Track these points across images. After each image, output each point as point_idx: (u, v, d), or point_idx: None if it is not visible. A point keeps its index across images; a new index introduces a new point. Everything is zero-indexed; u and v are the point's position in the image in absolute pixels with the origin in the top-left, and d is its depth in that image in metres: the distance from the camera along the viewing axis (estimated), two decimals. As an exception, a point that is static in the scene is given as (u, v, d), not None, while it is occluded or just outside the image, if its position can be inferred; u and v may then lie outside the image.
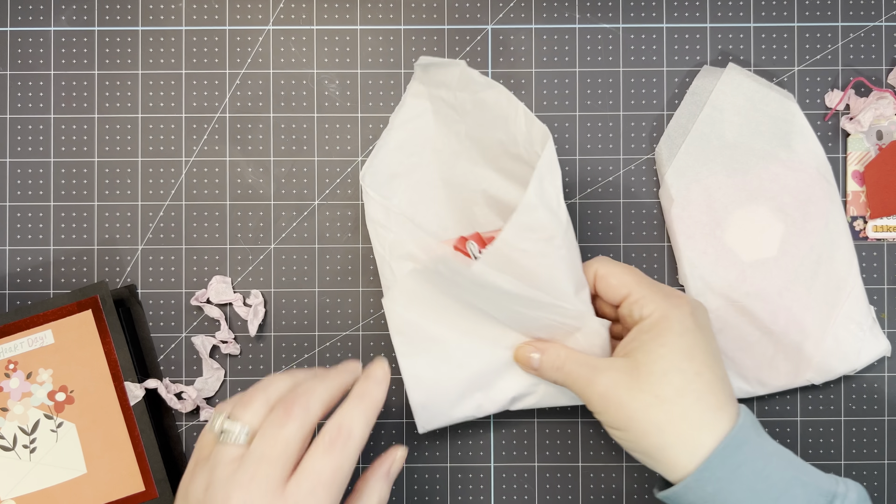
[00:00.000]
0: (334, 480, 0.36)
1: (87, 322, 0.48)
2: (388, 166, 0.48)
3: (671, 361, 0.39)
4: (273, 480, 0.35)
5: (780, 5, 0.52)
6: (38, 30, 0.52)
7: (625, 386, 0.40)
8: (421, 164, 0.49)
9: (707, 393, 0.39)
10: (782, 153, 0.50)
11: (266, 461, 0.35)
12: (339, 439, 0.36)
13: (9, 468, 0.48)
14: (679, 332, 0.40)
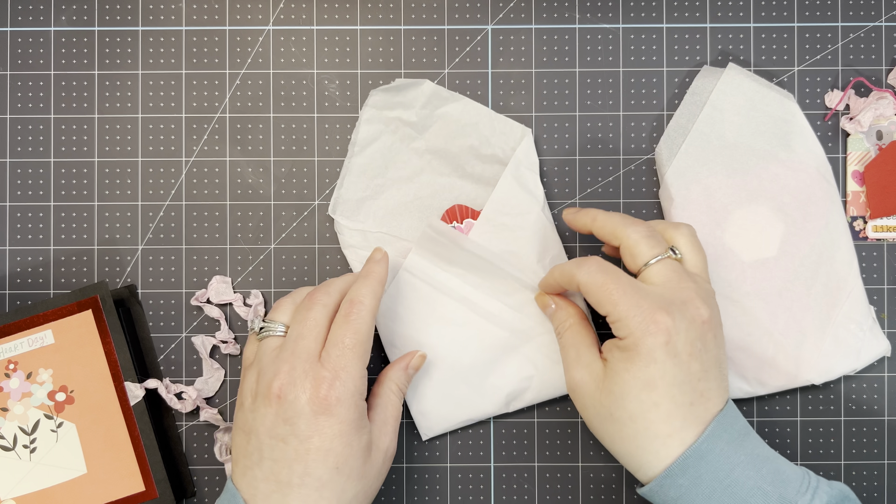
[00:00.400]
0: (356, 343, 0.42)
1: (87, 322, 0.48)
2: (354, 193, 0.50)
3: (630, 388, 0.40)
4: (310, 351, 0.42)
5: (780, 5, 0.52)
6: (38, 30, 0.52)
7: (589, 391, 0.43)
8: (386, 185, 0.51)
9: (660, 422, 0.40)
10: (782, 153, 0.50)
11: (302, 338, 0.42)
12: (352, 310, 0.43)
13: (9, 468, 0.48)
14: (645, 362, 0.40)
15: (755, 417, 0.51)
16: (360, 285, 0.44)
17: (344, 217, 0.50)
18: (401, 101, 0.50)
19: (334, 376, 0.41)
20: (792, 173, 0.50)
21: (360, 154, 0.50)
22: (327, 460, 0.41)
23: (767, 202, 0.49)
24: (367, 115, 0.50)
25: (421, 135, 0.50)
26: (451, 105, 0.50)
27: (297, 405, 0.41)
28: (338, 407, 0.41)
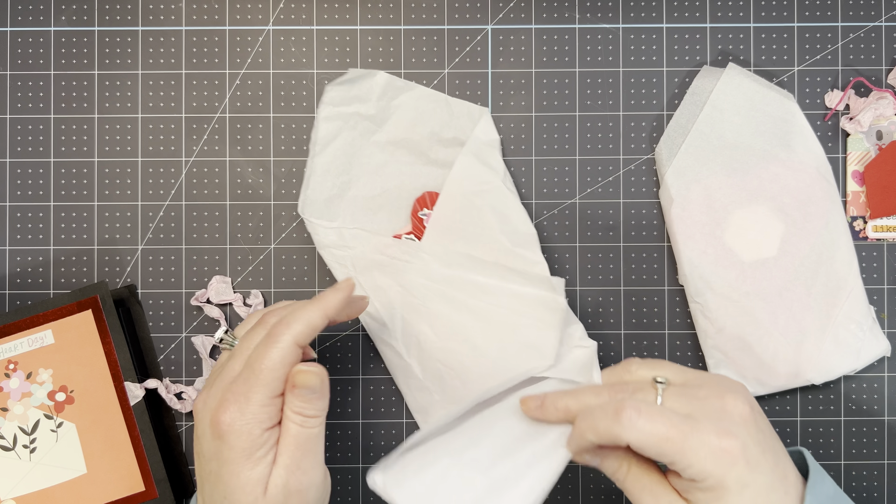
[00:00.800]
0: (265, 369, 0.39)
1: (87, 322, 0.48)
2: (321, 193, 0.50)
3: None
4: (234, 373, 0.40)
5: (780, 5, 0.52)
6: (38, 30, 0.52)
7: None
8: (352, 182, 0.50)
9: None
10: (782, 153, 0.50)
11: (232, 358, 0.41)
12: (274, 332, 0.40)
13: (9, 468, 0.48)
14: (738, 491, 0.37)
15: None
16: (298, 308, 0.41)
17: (314, 217, 0.50)
18: (357, 95, 0.50)
19: (234, 400, 0.39)
20: (792, 173, 0.50)
21: (321, 153, 0.50)
22: (217, 488, 0.39)
23: (767, 202, 0.49)
24: (325, 113, 0.50)
25: (381, 127, 0.50)
26: (406, 94, 0.50)
27: (202, 425, 0.40)
28: (229, 434, 0.38)
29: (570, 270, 0.52)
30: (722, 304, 0.49)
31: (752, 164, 0.50)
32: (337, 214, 0.50)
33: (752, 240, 0.49)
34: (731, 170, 0.50)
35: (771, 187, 0.49)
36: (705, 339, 0.50)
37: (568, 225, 0.52)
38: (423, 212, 0.50)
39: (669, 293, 0.51)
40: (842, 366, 0.49)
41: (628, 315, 0.51)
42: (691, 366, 0.51)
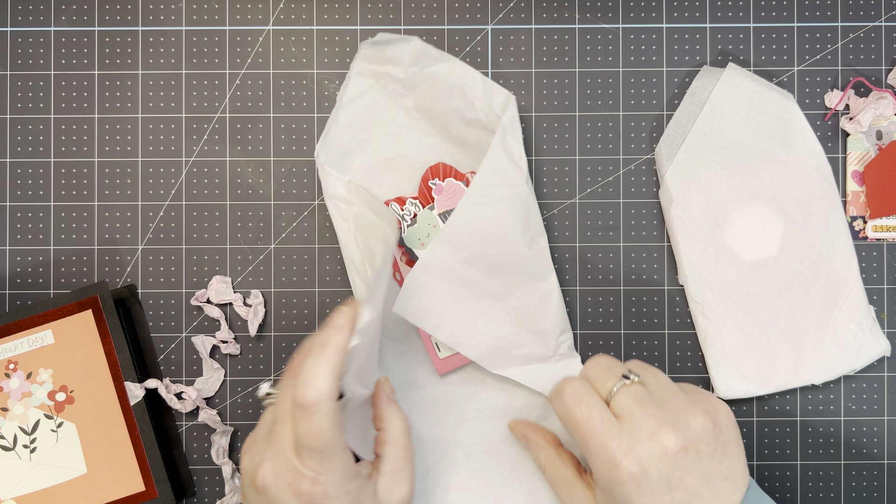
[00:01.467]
0: (323, 445, 0.38)
1: (88, 322, 0.48)
2: (339, 144, 0.50)
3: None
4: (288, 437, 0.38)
5: (780, 5, 0.52)
6: (38, 30, 0.52)
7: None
8: (372, 140, 0.50)
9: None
10: (782, 153, 0.50)
11: (280, 421, 0.39)
12: (305, 405, 0.37)
13: (9, 468, 0.48)
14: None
15: (755, 417, 0.51)
16: (314, 365, 0.38)
17: (329, 165, 0.49)
18: (390, 57, 0.49)
19: (316, 475, 0.38)
20: (792, 173, 0.50)
21: (347, 106, 0.50)
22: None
23: (767, 202, 0.49)
24: (358, 68, 0.50)
25: (410, 92, 0.50)
26: (440, 65, 0.50)
27: (283, 499, 0.38)
28: (325, 500, 0.38)
29: (570, 270, 0.52)
30: (722, 304, 0.49)
31: (752, 164, 0.50)
32: (349, 168, 0.50)
33: (752, 240, 0.49)
34: (730, 170, 0.50)
35: (771, 187, 0.49)
36: (705, 339, 0.50)
37: (568, 225, 0.52)
38: (433, 181, 0.50)
39: (669, 293, 0.51)
40: (842, 366, 0.49)
41: (628, 315, 0.51)
42: (691, 366, 0.51)
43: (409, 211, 0.50)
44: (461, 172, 0.50)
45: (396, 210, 0.50)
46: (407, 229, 0.50)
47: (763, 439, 0.51)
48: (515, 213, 0.47)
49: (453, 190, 0.50)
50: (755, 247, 0.49)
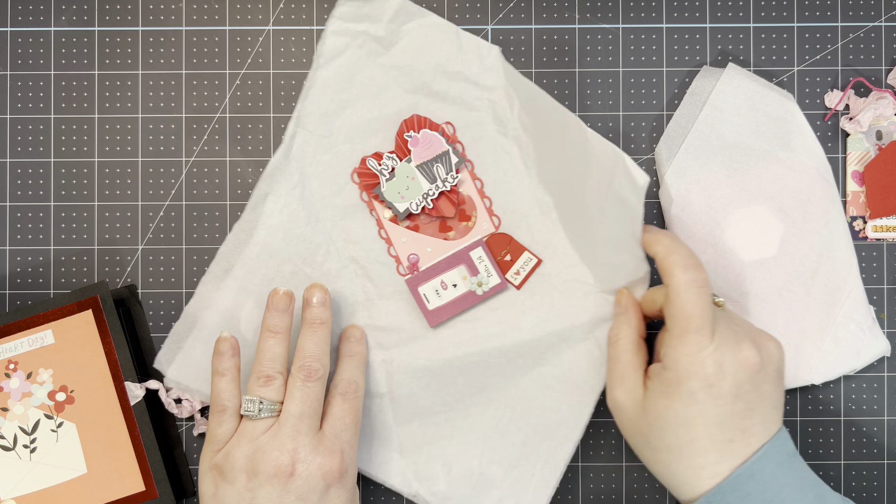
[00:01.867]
0: (355, 421, 0.46)
1: (88, 322, 0.48)
2: (318, 107, 0.50)
3: (668, 423, 0.41)
4: (313, 428, 0.44)
5: (780, 5, 0.52)
6: (38, 30, 0.52)
7: (628, 416, 0.44)
8: (350, 100, 0.50)
9: (695, 456, 0.41)
10: (782, 153, 0.50)
11: (307, 416, 0.44)
12: (349, 390, 0.46)
13: (9, 468, 0.48)
14: (685, 402, 0.41)
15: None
16: (354, 367, 0.48)
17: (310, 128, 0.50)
18: (367, 14, 0.49)
19: (341, 451, 0.44)
20: (791, 173, 0.50)
21: (325, 66, 0.50)
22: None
23: (767, 202, 0.50)
24: (334, 27, 0.50)
25: (388, 50, 0.50)
26: (418, 20, 0.50)
27: (311, 481, 0.43)
28: (345, 478, 0.44)
29: (569, 270, 0.51)
30: (722, 304, 0.49)
31: (752, 165, 0.50)
32: (331, 130, 0.50)
33: (752, 240, 0.49)
34: (730, 170, 0.50)
35: (770, 187, 0.49)
36: (705, 339, 0.50)
37: (568, 225, 0.52)
38: (408, 133, 0.50)
39: (669, 293, 0.51)
40: (841, 366, 0.49)
41: (628, 315, 0.51)
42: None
43: (387, 165, 0.50)
44: (436, 123, 0.50)
45: (374, 166, 0.50)
46: (386, 184, 0.50)
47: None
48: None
49: (429, 141, 0.50)
50: (755, 247, 0.49)
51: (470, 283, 0.50)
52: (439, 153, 0.50)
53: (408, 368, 0.50)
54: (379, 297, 0.50)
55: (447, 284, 0.50)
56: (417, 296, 0.50)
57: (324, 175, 0.50)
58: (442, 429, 0.50)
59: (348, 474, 0.45)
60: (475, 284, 0.50)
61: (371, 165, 0.50)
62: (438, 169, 0.50)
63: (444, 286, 0.50)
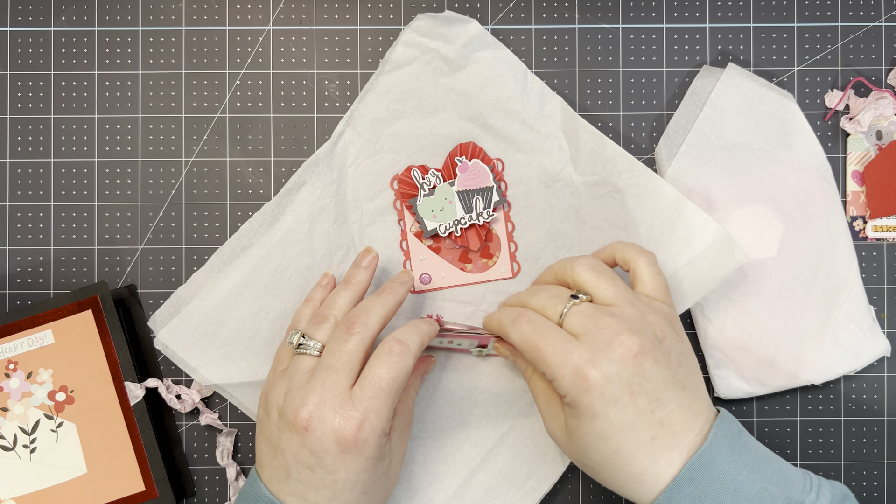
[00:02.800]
0: (392, 386, 0.41)
1: (88, 322, 0.48)
2: (372, 111, 0.50)
3: (587, 442, 0.41)
4: (342, 386, 0.41)
5: (780, 5, 0.52)
6: (38, 30, 0.52)
7: (561, 443, 0.43)
8: (405, 112, 0.50)
9: (626, 466, 0.40)
10: (782, 153, 0.50)
11: (334, 370, 0.41)
12: (394, 351, 0.42)
13: (9, 468, 0.48)
14: (589, 418, 0.40)
15: (755, 417, 0.51)
16: (409, 329, 0.44)
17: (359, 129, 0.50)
18: (443, 34, 0.49)
19: (363, 417, 0.41)
20: (792, 173, 0.50)
21: (389, 74, 0.50)
22: (355, 489, 0.42)
23: (767, 202, 0.49)
24: (407, 38, 0.50)
25: (453, 73, 0.50)
26: (491, 51, 0.49)
27: (323, 441, 0.40)
28: (364, 448, 0.41)
29: (570, 270, 0.51)
30: (721, 304, 0.49)
31: (752, 165, 0.50)
32: (379, 137, 0.50)
33: (752, 240, 0.49)
34: (730, 170, 0.50)
35: (771, 187, 0.49)
36: (705, 339, 0.50)
37: (568, 225, 0.52)
38: (460, 157, 0.50)
39: (669, 293, 0.51)
40: (841, 366, 0.49)
41: (628, 315, 0.51)
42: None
43: (430, 181, 0.50)
44: (489, 157, 0.50)
45: (417, 178, 0.50)
46: (423, 199, 0.50)
47: (763, 439, 0.51)
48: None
49: (477, 171, 0.50)
50: (755, 247, 0.49)
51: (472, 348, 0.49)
52: (483, 186, 0.50)
53: None
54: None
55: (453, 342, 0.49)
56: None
57: (362, 178, 0.50)
58: (415, 454, 0.50)
59: (369, 444, 0.41)
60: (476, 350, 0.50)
61: (415, 176, 0.50)
62: (478, 201, 0.50)
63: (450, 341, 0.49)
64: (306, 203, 0.49)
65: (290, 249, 0.49)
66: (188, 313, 0.49)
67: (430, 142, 0.50)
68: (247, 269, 0.49)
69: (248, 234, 0.49)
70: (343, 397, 0.41)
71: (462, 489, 0.49)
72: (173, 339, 0.48)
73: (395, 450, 0.44)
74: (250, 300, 0.49)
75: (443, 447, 0.50)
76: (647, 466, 0.40)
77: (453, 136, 0.50)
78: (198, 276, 0.49)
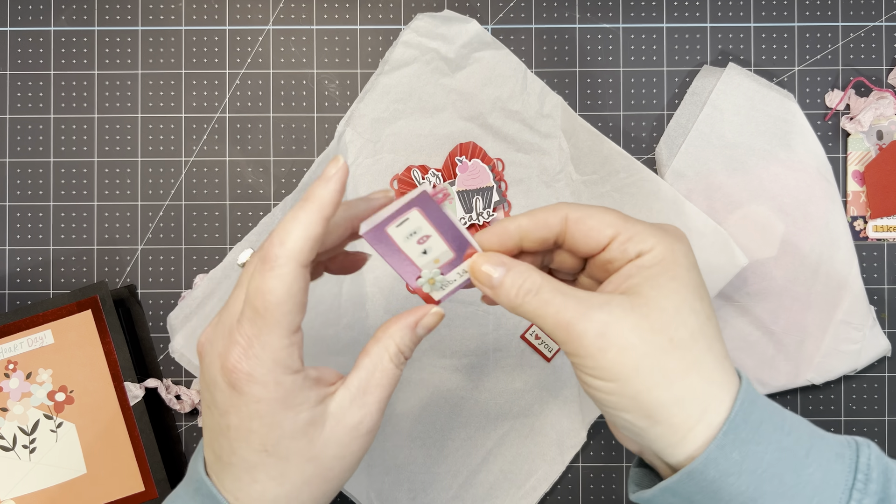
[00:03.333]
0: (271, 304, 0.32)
1: (87, 322, 0.48)
2: (372, 111, 0.50)
3: (684, 298, 0.32)
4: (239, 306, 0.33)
5: (781, 5, 0.52)
6: (38, 29, 0.52)
7: (630, 325, 0.32)
8: (405, 112, 0.50)
9: (717, 340, 0.33)
10: (782, 153, 0.50)
11: (238, 286, 0.34)
12: (268, 257, 0.32)
13: (8, 468, 0.48)
14: (688, 266, 0.33)
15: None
16: (289, 218, 0.32)
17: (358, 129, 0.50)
18: (443, 34, 0.49)
19: (247, 345, 0.32)
20: (792, 173, 0.50)
21: (388, 74, 0.50)
22: (250, 441, 0.33)
23: (767, 202, 0.49)
24: (406, 38, 0.50)
25: (453, 73, 0.50)
26: (490, 51, 0.49)
27: (212, 370, 0.33)
28: (249, 384, 0.32)
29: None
30: (722, 304, 0.49)
31: (753, 164, 0.50)
32: (379, 137, 0.50)
33: (753, 240, 0.49)
34: (731, 170, 0.50)
35: (771, 187, 0.49)
36: (705, 339, 0.50)
37: (568, 225, 0.52)
38: (460, 157, 0.50)
39: (669, 293, 0.51)
40: (842, 366, 0.49)
41: (628, 315, 0.51)
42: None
43: (429, 181, 0.50)
44: (490, 156, 0.50)
45: (417, 177, 0.50)
46: None
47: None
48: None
49: (478, 171, 0.50)
50: (756, 247, 0.49)
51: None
52: (483, 186, 0.50)
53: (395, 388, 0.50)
54: (385, 312, 0.50)
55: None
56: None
57: (362, 178, 0.50)
58: (416, 455, 0.50)
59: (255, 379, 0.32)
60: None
61: (415, 176, 0.50)
62: (478, 201, 0.50)
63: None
64: None
65: None
66: (205, 315, 0.48)
67: (430, 142, 0.50)
68: None
69: (266, 229, 0.49)
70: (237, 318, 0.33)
71: (463, 489, 0.49)
72: (189, 346, 0.48)
73: (342, 413, 0.34)
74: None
75: (443, 447, 0.50)
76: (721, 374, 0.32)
77: (453, 135, 0.50)
78: (215, 274, 0.48)
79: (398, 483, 0.49)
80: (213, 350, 0.33)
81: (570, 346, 0.32)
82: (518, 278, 0.34)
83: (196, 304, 0.46)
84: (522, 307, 0.34)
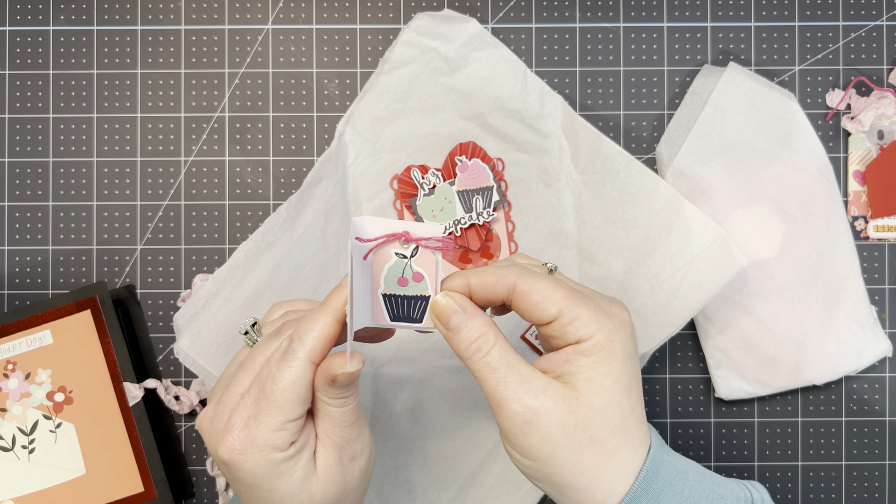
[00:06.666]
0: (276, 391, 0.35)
1: (86, 322, 0.48)
2: (371, 111, 0.50)
3: (613, 396, 0.34)
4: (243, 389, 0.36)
5: (781, 5, 0.52)
6: (37, 29, 0.52)
7: (557, 419, 0.34)
8: (405, 112, 0.50)
9: (635, 430, 0.35)
10: (783, 153, 0.49)
11: (243, 370, 0.37)
12: (288, 350, 0.35)
13: (8, 468, 0.48)
14: (624, 359, 0.35)
15: (756, 418, 0.51)
16: (310, 319, 0.36)
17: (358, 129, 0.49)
18: (443, 33, 0.49)
19: (243, 424, 0.35)
20: (793, 173, 0.49)
21: (388, 73, 0.49)
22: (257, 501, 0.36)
23: (768, 202, 0.49)
24: (406, 38, 0.49)
25: (453, 72, 0.49)
26: (490, 51, 0.49)
27: (211, 447, 0.36)
28: (243, 464, 0.35)
29: (570, 270, 0.51)
30: (723, 304, 0.49)
31: (753, 164, 0.49)
32: (378, 136, 0.50)
33: (753, 240, 0.49)
34: (732, 169, 0.50)
35: (772, 187, 0.49)
36: (706, 339, 0.50)
37: (568, 225, 0.51)
38: (460, 157, 0.50)
39: (670, 293, 0.51)
40: (843, 366, 0.49)
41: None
42: (692, 366, 0.51)
43: (430, 181, 0.50)
44: (490, 156, 0.50)
45: (417, 177, 0.50)
46: (423, 198, 0.50)
47: (764, 440, 0.51)
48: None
49: (478, 171, 0.50)
50: (756, 247, 0.49)
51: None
52: (483, 186, 0.50)
53: (395, 389, 0.50)
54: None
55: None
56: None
57: (361, 178, 0.50)
58: (416, 456, 0.50)
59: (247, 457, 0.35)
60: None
61: (414, 176, 0.50)
62: (478, 201, 0.50)
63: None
64: (322, 199, 0.49)
65: (308, 247, 0.48)
66: (211, 316, 0.46)
67: (430, 141, 0.50)
68: (270, 266, 0.47)
69: (272, 229, 0.47)
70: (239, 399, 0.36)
71: (463, 490, 0.49)
72: (194, 347, 0.46)
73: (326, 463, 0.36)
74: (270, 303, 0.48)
75: (443, 449, 0.50)
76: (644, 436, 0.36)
77: (453, 135, 0.50)
78: (221, 273, 0.46)
79: (398, 483, 0.49)
80: (213, 430, 0.36)
81: (499, 419, 0.35)
82: (474, 332, 0.36)
83: (202, 304, 0.46)
84: (468, 361, 0.36)
